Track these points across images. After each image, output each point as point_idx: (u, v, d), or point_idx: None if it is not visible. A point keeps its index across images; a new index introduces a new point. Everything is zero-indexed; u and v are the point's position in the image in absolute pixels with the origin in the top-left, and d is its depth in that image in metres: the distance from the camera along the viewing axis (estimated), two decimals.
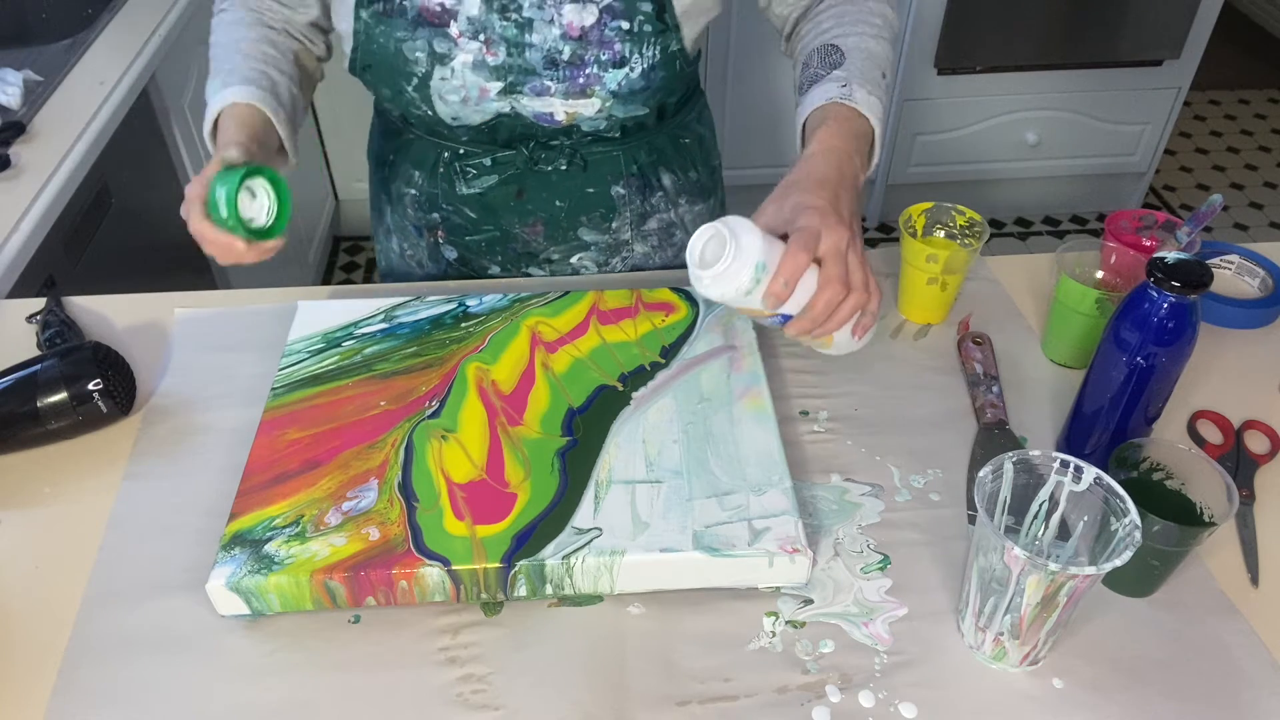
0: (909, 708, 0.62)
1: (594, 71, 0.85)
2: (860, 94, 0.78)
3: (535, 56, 0.85)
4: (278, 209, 0.76)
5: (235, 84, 0.84)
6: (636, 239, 1.02)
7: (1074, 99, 2.38)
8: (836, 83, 0.79)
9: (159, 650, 0.65)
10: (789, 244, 0.67)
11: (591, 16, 0.83)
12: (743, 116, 2.34)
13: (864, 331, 0.73)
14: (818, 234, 0.67)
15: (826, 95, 0.79)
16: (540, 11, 0.83)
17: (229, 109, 0.83)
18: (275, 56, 0.89)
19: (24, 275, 1.06)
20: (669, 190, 1.01)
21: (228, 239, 0.74)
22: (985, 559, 0.61)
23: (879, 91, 0.80)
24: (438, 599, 0.66)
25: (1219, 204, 0.86)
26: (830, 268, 0.68)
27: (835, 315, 0.69)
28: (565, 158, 0.94)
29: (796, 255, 0.66)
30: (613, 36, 0.84)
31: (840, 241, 0.68)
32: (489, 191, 0.97)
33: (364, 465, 0.72)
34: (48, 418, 0.78)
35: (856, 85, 0.79)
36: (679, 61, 0.88)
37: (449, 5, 0.82)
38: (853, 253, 0.69)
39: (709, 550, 0.66)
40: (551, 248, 1.01)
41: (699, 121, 1.03)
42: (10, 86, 1.28)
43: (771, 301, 0.67)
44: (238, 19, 0.91)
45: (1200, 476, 0.66)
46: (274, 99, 0.86)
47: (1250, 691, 0.63)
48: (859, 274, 0.69)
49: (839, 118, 0.77)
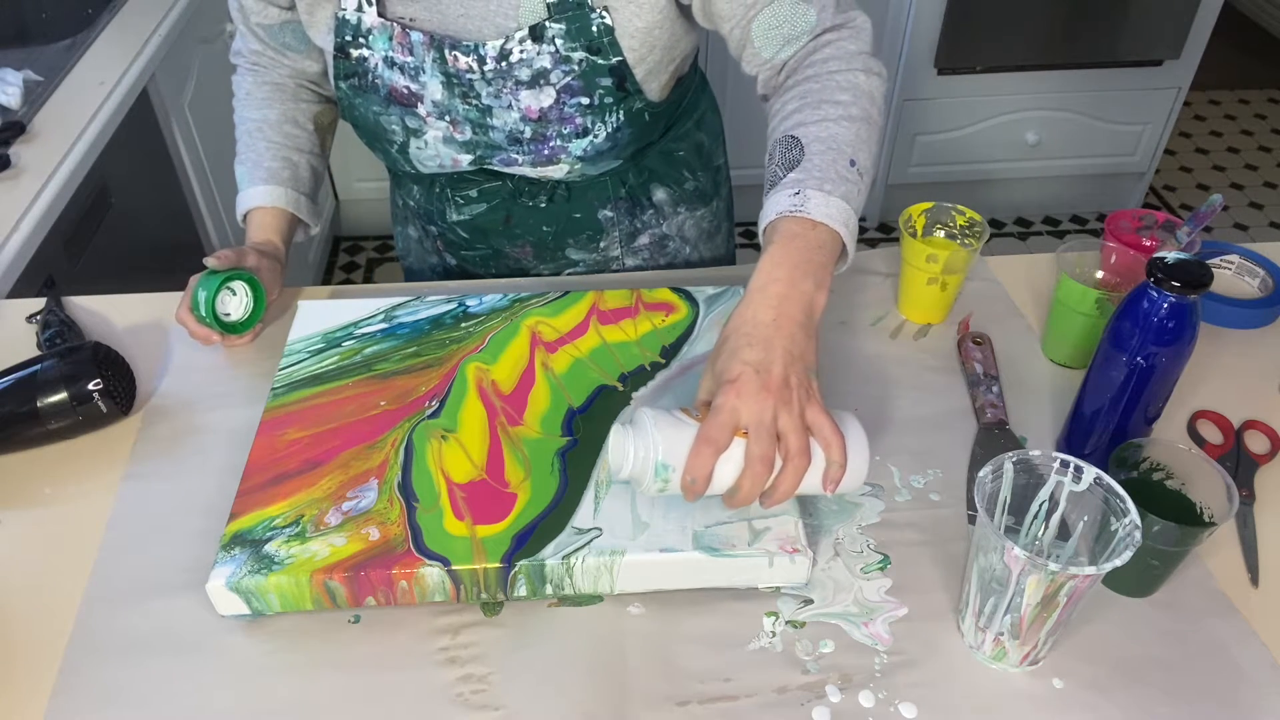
0: (909, 708, 0.62)
1: (558, 144, 0.86)
2: (816, 199, 0.70)
3: (499, 135, 0.86)
4: (253, 307, 0.89)
5: (259, 182, 0.94)
6: (627, 254, 1.02)
7: (1074, 99, 2.38)
8: (788, 190, 0.72)
9: (159, 650, 0.65)
10: (697, 435, 0.62)
11: (549, 98, 0.83)
12: (746, 115, 2.34)
13: (833, 485, 0.65)
14: (734, 411, 0.62)
15: (777, 208, 0.72)
16: (497, 100, 0.84)
17: (255, 212, 0.94)
18: (297, 135, 0.97)
19: (24, 275, 1.06)
20: (662, 205, 1.01)
21: (205, 331, 0.87)
22: (985, 559, 0.61)
23: (841, 187, 0.72)
24: (438, 599, 0.66)
25: (1219, 204, 0.86)
26: (753, 444, 0.62)
27: (777, 490, 0.63)
28: (547, 192, 0.95)
29: (700, 449, 0.62)
30: (573, 112, 0.84)
31: (763, 412, 0.62)
32: (478, 218, 0.98)
33: (364, 465, 0.72)
34: (48, 418, 0.78)
35: (812, 189, 0.71)
36: (647, 114, 0.88)
37: (414, 89, 0.85)
38: (786, 416, 0.62)
39: (709, 550, 0.66)
40: (541, 265, 1.02)
41: (699, 128, 1.01)
42: (10, 86, 1.28)
43: (689, 497, 0.63)
44: (262, 97, 0.96)
45: (1200, 476, 0.66)
46: (294, 191, 0.96)
47: (1250, 691, 0.63)
48: (794, 438, 0.62)
49: (788, 235, 0.70)
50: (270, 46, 0.94)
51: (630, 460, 0.64)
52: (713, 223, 1.07)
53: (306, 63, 0.96)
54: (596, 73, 0.82)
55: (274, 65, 0.97)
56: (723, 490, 0.64)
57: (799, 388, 0.64)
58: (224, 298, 0.87)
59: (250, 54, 0.97)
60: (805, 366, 0.65)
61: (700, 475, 0.62)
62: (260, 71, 0.97)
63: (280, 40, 0.93)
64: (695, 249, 1.06)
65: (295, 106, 0.98)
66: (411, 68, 0.83)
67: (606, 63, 0.81)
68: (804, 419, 0.63)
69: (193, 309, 0.86)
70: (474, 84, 0.83)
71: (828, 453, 0.64)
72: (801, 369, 0.65)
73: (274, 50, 0.94)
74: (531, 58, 0.81)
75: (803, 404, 0.64)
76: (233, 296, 0.88)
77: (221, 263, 0.86)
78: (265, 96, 0.96)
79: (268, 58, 0.96)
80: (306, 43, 0.93)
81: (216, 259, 0.86)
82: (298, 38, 0.93)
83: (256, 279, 0.89)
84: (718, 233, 1.08)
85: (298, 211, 0.96)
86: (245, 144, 0.96)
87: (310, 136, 0.99)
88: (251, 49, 0.96)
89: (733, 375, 0.63)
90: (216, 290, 0.85)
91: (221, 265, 0.86)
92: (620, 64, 0.82)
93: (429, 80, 0.84)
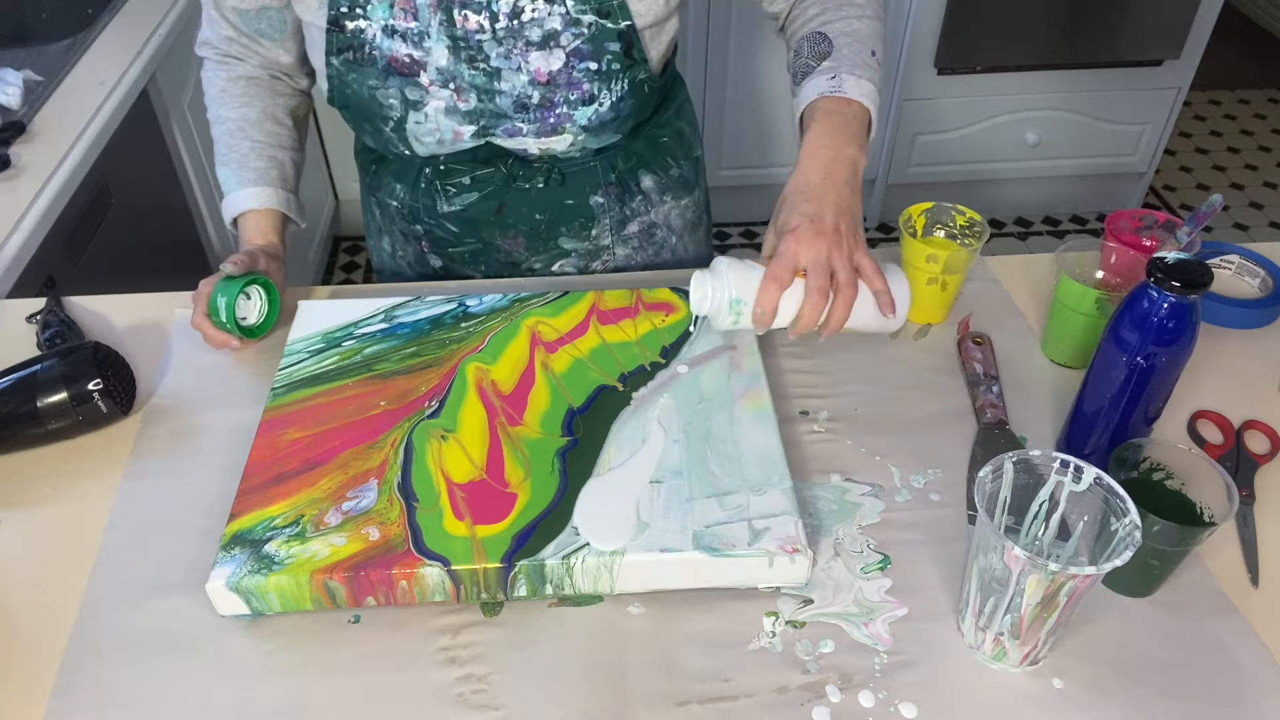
0: (909, 708, 0.62)
1: (564, 110, 0.87)
2: (849, 81, 0.82)
3: (505, 102, 0.86)
4: (268, 310, 0.90)
5: (250, 184, 0.94)
6: (617, 243, 1.02)
7: (1074, 99, 2.38)
8: (825, 75, 0.83)
9: (159, 650, 0.65)
10: (764, 275, 0.74)
11: (559, 61, 0.84)
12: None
13: (890, 309, 0.77)
14: (794, 254, 0.74)
15: (817, 90, 0.83)
16: (507, 61, 0.84)
17: (249, 215, 0.95)
18: (278, 132, 0.97)
19: (24, 275, 1.06)
20: (649, 192, 1.01)
21: (224, 336, 0.87)
22: (985, 559, 0.61)
23: (868, 72, 0.83)
24: (438, 599, 0.66)
25: (1219, 204, 0.86)
26: (811, 279, 0.74)
27: (832, 318, 0.75)
28: (543, 175, 0.95)
29: (768, 286, 0.74)
30: (580, 77, 0.85)
31: (818, 253, 0.74)
32: (469, 208, 0.98)
33: (364, 465, 0.72)
34: (48, 418, 0.78)
35: (845, 73, 0.82)
36: (647, 86, 0.89)
37: (417, 56, 0.84)
38: (838, 256, 0.74)
39: (709, 550, 0.66)
40: (533, 258, 1.02)
41: (678, 116, 1.04)
42: (10, 86, 1.28)
43: (760, 327, 0.76)
44: (239, 93, 0.95)
45: (1200, 476, 0.66)
46: (283, 190, 0.96)
47: (1250, 691, 0.63)
48: (844, 273, 0.74)
49: (827, 112, 0.81)
50: (243, 34, 0.92)
51: (709, 298, 0.76)
52: (695, 214, 1.08)
53: (279, 52, 0.94)
54: (605, 37, 0.84)
55: (245, 55, 0.95)
56: (786, 323, 0.76)
57: (848, 234, 0.75)
58: (240, 302, 0.88)
59: (220, 42, 0.94)
60: (852, 218, 0.77)
61: (768, 307, 0.74)
62: (231, 65, 0.95)
63: (254, 27, 0.91)
64: (681, 240, 1.07)
65: (273, 102, 0.96)
66: (415, 33, 0.83)
67: (615, 27, 0.83)
68: (852, 260, 0.75)
69: (211, 314, 0.86)
70: (483, 44, 0.83)
71: (871, 284, 0.76)
72: (849, 219, 0.76)
73: (246, 38, 0.93)
74: (543, 18, 0.82)
75: (851, 248, 0.75)
76: (248, 301, 0.89)
77: (239, 268, 0.87)
78: (242, 93, 0.95)
79: (239, 46, 0.94)
80: (282, 30, 0.92)
81: (234, 264, 0.87)
82: (274, 25, 0.91)
83: (271, 282, 0.90)
84: (699, 225, 1.10)
85: (289, 211, 0.97)
86: (227, 144, 0.95)
87: (290, 132, 0.98)
88: (222, 35, 0.93)
89: (792, 226, 0.75)
90: (236, 296, 0.86)
91: (239, 270, 0.87)
92: (629, 29, 0.84)
93: (434, 45, 0.83)
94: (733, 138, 2.39)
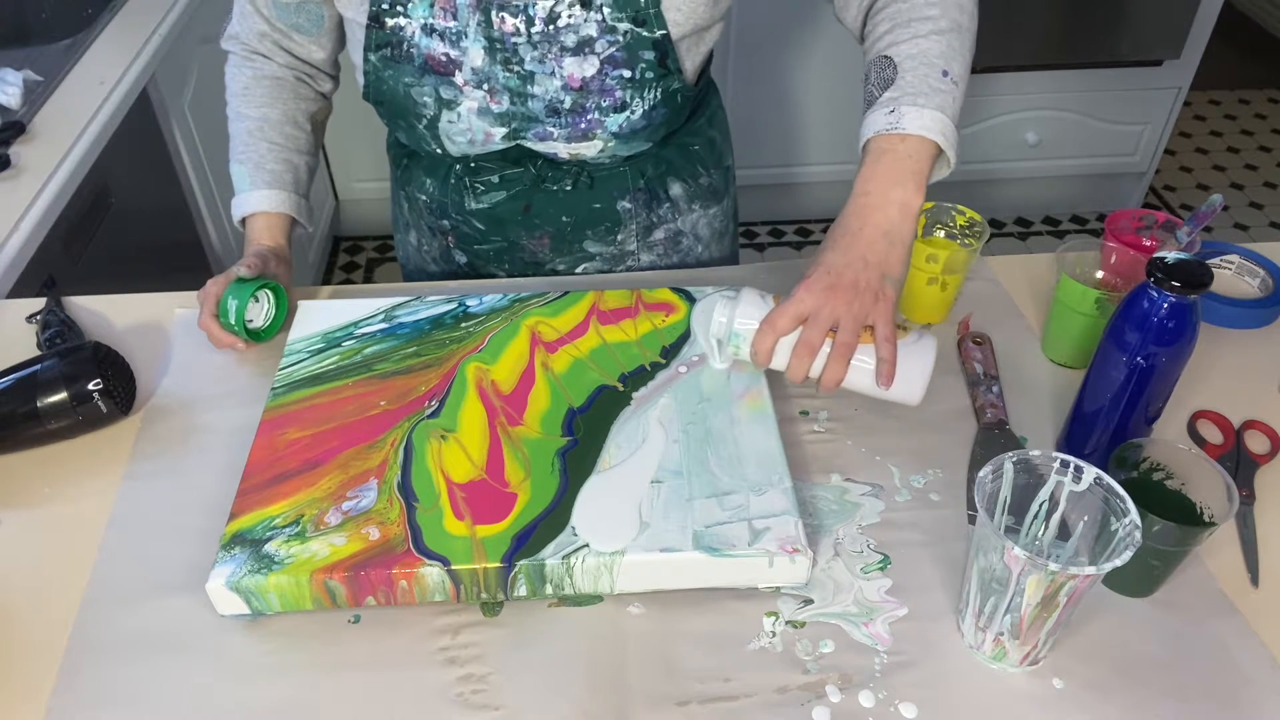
0: (909, 708, 0.62)
1: (595, 117, 0.87)
2: (910, 114, 0.75)
3: (538, 106, 0.86)
4: (275, 314, 0.90)
5: (263, 186, 0.94)
6: (642, 249, 1.02)
7: (1074, 99, 2.38)
8: (884, 109, 0.77)
9: (159, 650, 0.65)
10: (766, 316, 0.73)
11: (593, 68, 0.84)
12: (750, 116, 2.34)
13: (885, 379, 0.73)
14: (800, 301, 0.72)
15: (873, 127, 0.77)
16: (541, 65, 0.84)
17: (259, 216, 0.94)
18: (297, 136, 0.97)
19: (24, 275, 1.06)
20: (678, 199, 1.01)
21: (230, 338, 0.87)
22: (985, 559, 0.61)
23: (936, 98, 0.76)
24: (438, 599, 0.66)
25: (1219, 204, 0.86)
26: (804, 331, 0.72)
27: (824, 377, 0.73)
28: (571, 178, 0.95)
29: (763, 329, 0.73)
30: (614, 85, 0.85)
31: (821, 306, 0.71)
32: (497, 206, 0.98)
33: (364, 465, 0.72)
34: (48, 418, 0.78)
35: (905, 104, 0.76)
36: (680, 95, 0.89)
37: (454, 56, 0.84)
38: (844, 312, 0.71)
39: (709, 550, 0.66)
40: (557, 259, 1.02)
41: (710, 124, 1.03)
42: (10, 86, 1.28)
43: (757, 363, 0.75)
44: (262, 93, 0.95)
45: (1200, 476, 0.66)
46: (296, 194, 0.96)
47: (1250, 691, 0.63)
48: (845, 333, 0.71)
49: (877, 152, 0.76)
50: (276, 29, 0.93)
51: (714, 325, 0.77)
52: (723, 223, 1.08)
53: (312, 48, 0.94)
54: (640, 45, 0.83)
55: (274, 53, 0.95)
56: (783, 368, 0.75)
57: (866, 291, 0.72)
58: (248, 305, 0.88)
59: (250, 38, 0.94)
60: (881, 274, 0.73)
61: (760, 350, 0.73)
62: (258, 62, 0.95)
63: (291, 22, 0.92)
64: (707, 248, 1.07)
65: (295, 105, 0.97)
66: (453, 33, 0.83)
67: (650, 35, 0.83)
68: (862, 319, 0.72)
69: (220, 317, 0.86)
70: (518, 48, 0.83)
71: (877, 350, 0.72)
72: (876, 275, 0.72)
73: (280, 33, 0.93)
74: (579, 24, 0.82)
75: (867, 306, 0.72)
76: (256, 304, 0.89)
77: (251, 271, 0.87)
78: (265, 93, 0.95)
79: (269, 43, 0.94)
80: (319, 26, 0.92)
81: (248, 267, 0.87)
82: (312, 20, 0.91)
83: (281, 287, 0.90)
84: (726, 233, 1.10)
85: (299, 216, 0.97)
86: (245, 143, 0.95)
87: (309, 137, 0.99)
88: (256, 31, 0.93)
89: (809, 272, 0.73)
90: (247, 300, 0.86)
91: (252, 274, 0.87)
92: (664, 38, 0.83)
93: (470, 45, 0.83)
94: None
